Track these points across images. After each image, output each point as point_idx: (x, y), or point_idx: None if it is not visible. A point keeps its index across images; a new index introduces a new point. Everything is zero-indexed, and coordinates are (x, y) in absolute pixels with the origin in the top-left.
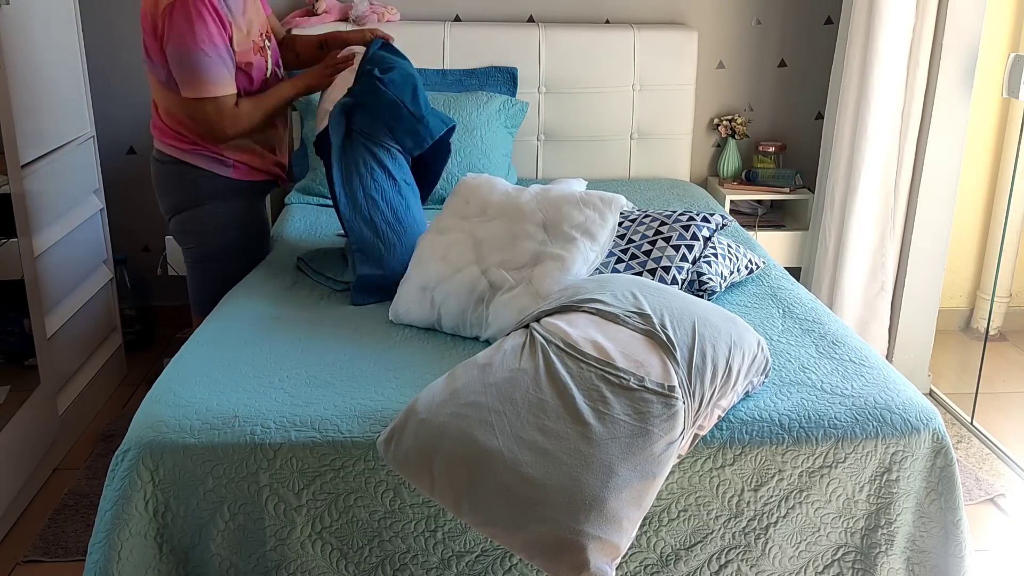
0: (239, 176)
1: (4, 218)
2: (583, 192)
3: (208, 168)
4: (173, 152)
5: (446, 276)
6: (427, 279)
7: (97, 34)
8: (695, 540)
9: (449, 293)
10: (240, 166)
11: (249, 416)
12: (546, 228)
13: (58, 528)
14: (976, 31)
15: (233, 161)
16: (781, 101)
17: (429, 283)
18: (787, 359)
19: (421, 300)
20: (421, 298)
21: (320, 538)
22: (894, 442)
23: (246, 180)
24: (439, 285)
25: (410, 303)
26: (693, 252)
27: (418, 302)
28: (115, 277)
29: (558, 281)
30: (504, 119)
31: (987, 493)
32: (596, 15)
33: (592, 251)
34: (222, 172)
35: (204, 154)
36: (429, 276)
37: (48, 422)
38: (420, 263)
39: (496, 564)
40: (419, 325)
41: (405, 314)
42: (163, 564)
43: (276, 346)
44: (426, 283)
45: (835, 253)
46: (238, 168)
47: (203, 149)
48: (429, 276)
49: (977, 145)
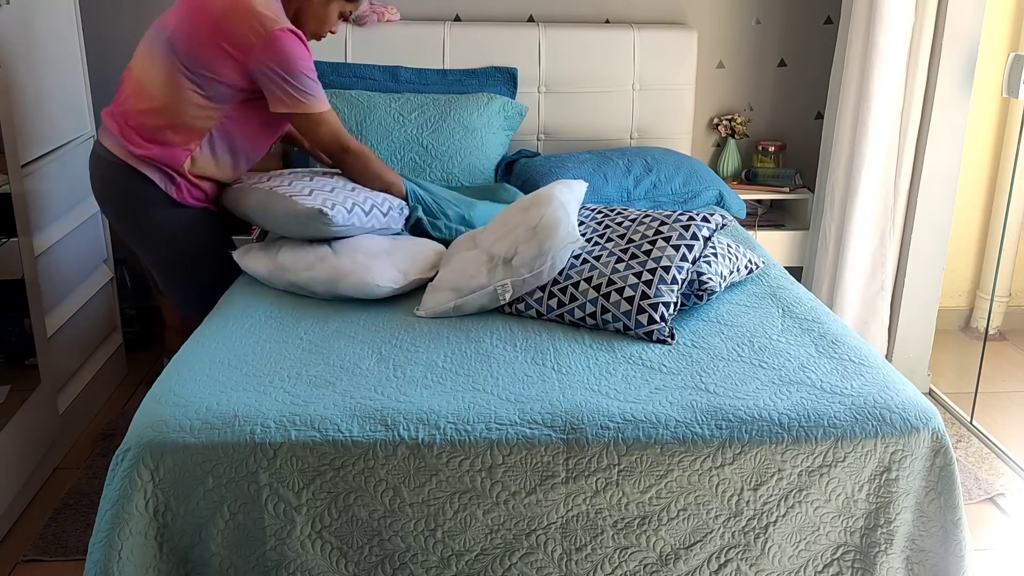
0: (180, 199)
1: (4, 218)
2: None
3: (157, 182)
4: (127, 158)
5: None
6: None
7: (97, 34)
8: (695, 539)
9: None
10: (190, 187)
11: (249, 415)
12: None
13: (58, 528)
14: (975, 31)
15: (182, 182)
16: (781, 101)
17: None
18: (787, 358)
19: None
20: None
21: (320, 537)
22: (893, 441)
23: (184, 205)
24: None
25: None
26: (693, 252)
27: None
28: (115, 277)
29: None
30: (503, 119)
31: (986, 492)
32: (596, 15)
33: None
34: (168, 189)
35: (158, 164)
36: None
37: (48, 422)
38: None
39: (496, 563)
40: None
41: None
42: (163, 563)
43: (276, 345)
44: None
45: (835, 253)
46: (184, 191)
47: (158, 161)
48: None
49: (977, 145)
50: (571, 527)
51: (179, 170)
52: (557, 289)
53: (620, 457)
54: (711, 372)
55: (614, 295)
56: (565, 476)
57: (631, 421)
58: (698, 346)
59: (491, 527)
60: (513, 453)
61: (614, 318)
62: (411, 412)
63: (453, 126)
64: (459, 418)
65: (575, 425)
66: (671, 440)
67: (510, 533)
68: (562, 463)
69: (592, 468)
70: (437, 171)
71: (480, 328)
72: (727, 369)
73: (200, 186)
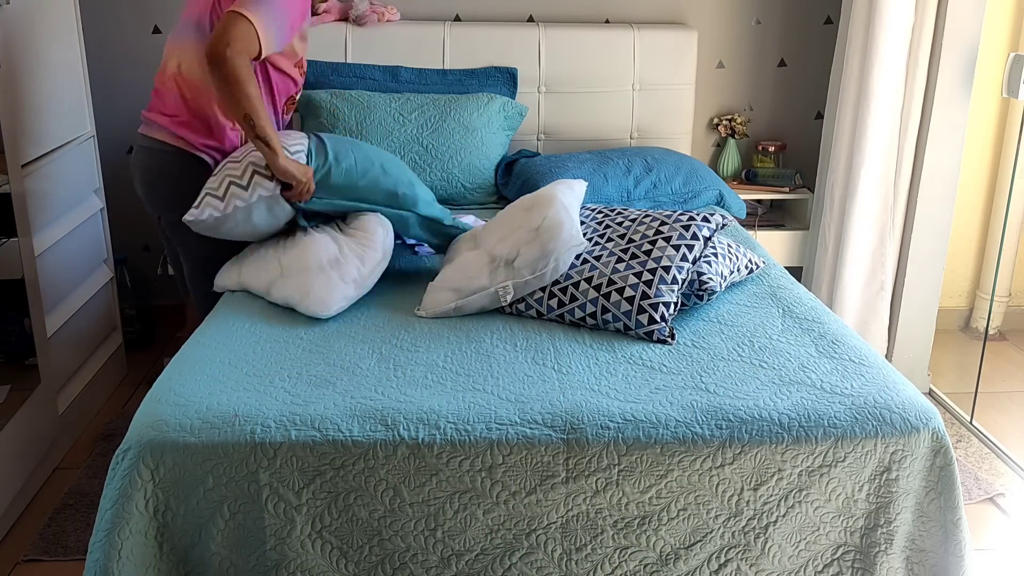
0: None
1: (4, 218)
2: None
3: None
4: (181, 144)
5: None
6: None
7: (97, 34)
8: (695, 539)
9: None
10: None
11: (249, 415)
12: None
13: (58, 527)
14: (975, 31)
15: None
16: (781, 101)
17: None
18: (787, 358)
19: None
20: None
21: (320, 537)
22: (893, 441)
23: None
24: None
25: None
26: (693, 252)
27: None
28: (115, 276)
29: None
30: (503, 119)
31: (986, 492)
32: (596, 15)
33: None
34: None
35: (211, 151)
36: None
37: (48, 421)
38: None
39: (496, 563)
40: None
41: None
42: (163, 563)
43: (276, 345)
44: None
45: (835, 253)
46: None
47: (210, 146)
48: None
49: (977, 145)
50: (571, 527)
51: (226, 143)
52: (557, 289)
53: (620, 457)
54: (711, 372)
55: (614, 295)
56: (565, 476)
57: (631, 421)
58: (698, 346)
59: (491, 527)
60: (513, 453)
61: (614, 318)
62: (411, 412)
63: (453, 126)
64: (459, 418)
65: (575, 425)
66: (671, 440)
67: (510, 533)
68: (562, 463)
69: (592, 468)
70: (437, 171)
71: (480, 328)
72: (727, 369)
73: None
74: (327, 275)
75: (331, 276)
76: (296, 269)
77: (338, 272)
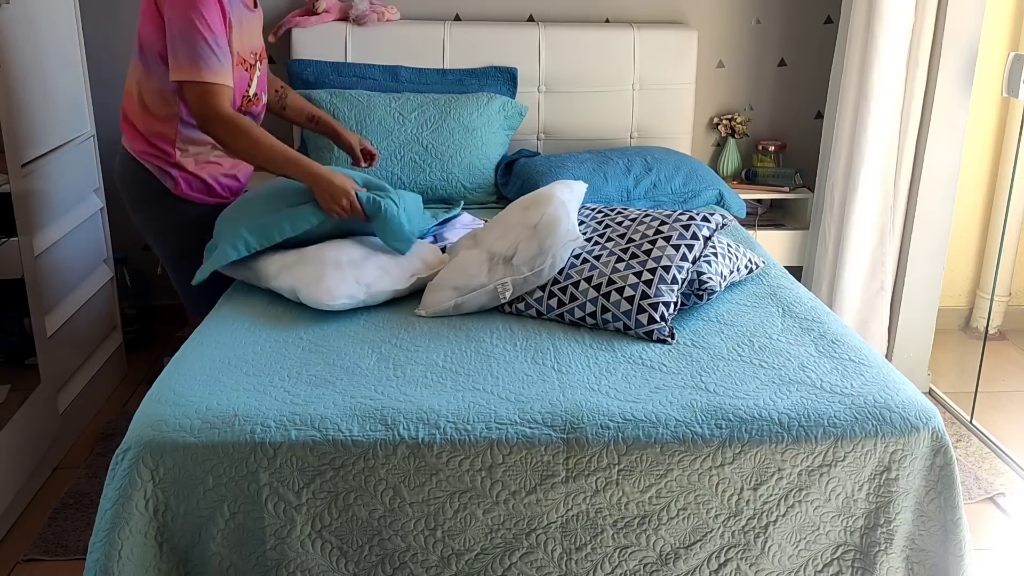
0: (180, 194)
1: (4, 217)
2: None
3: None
4: (136, 154)
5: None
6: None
7: (97, 34)
8: (694, 539)
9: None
10: (189, 178)
11: (249, 415)
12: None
13: (58, 527)
14: (975, 30)
15: (179, 176)
16: (781, 100)
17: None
18: (787, 358)
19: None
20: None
21: (320, 537)
22: (893, 441)
23: (187, 200)
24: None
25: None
26: (693, 251)
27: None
28: (115, 276)
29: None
30: (503, 119)
31: (986, 492)
32: (596, 14)
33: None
34: (166, 184)
35: (153, 161)
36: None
37: (48, 421)
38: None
39: (496, 562)
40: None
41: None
42: (163, 563)
43: (276, 345)
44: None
45: (835, 252)
46: (181, 184)
47: (154, 155)
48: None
49: (977, 144)
50: (571, 526)
51: (173, 162)
52: (557, 289)
53: (620, 456)
54: (711, 372)
55: (614, 295)
56: (565, 475)
57: (631, 420)
58: (698, 346)
59: (491, 526)
60: (513, 452)
61: (614, 318)
62: (411, 412)
63: (453, 126)
64: (459, 417)
65: (575, 424)
66: (671, 439)
67: (510, 532)
68: (562, 462)
69: (592, 467)
70: (437, 171)
71: (480, 327)
72: (727, 369)
73: (200, 176)
74: (343, 272)
75: (346, 274)
76: (314, 259)
77: (354, 273)
